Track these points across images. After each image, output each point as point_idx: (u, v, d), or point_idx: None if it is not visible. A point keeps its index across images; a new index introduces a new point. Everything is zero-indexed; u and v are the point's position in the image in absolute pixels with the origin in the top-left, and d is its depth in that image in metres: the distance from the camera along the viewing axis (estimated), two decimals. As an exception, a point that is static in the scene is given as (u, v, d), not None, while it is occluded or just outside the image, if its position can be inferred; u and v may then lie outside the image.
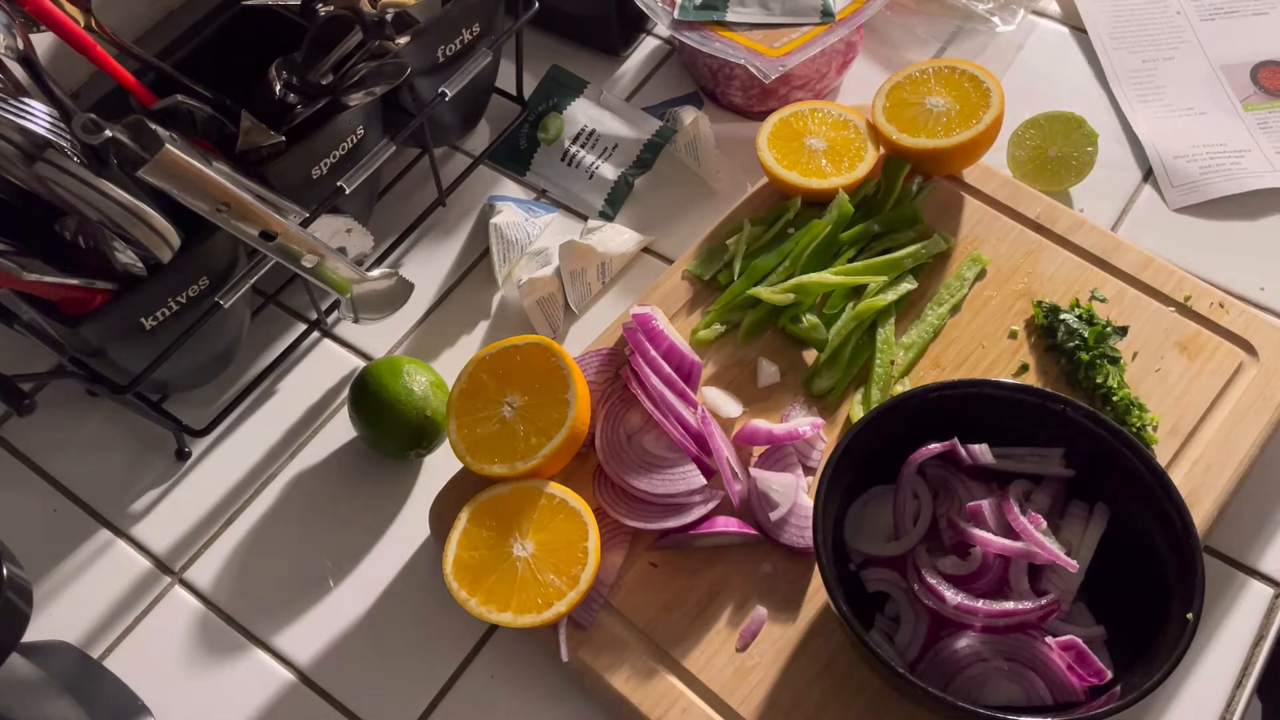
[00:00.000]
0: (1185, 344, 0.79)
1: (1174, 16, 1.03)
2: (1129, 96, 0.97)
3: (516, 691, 0.73)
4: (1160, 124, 0.95)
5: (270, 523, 0.80)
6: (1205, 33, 1.01)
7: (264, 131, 0.77)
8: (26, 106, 0.67)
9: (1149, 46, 1.01)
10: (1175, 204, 0.91)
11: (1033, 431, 0.69)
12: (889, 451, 0.69)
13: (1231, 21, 1.02)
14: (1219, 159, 0.93)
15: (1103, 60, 1.00)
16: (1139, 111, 0.97)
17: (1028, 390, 0.69)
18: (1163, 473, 0.65)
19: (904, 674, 0.59)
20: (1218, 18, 1.02)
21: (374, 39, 0.79)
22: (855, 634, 0.61)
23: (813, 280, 0.81)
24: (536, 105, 0.99)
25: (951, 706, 0.59)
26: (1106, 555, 0.67)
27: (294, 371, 0.88)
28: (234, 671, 0.74)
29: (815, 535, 0.64)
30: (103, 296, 0.71)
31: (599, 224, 0.91)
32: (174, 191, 0.66)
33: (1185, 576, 0.62)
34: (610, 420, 0.75)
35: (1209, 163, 0.92)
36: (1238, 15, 1.03)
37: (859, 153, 0.85)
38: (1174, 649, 0.59)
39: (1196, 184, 0.91)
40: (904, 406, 0.69)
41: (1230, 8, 1.03)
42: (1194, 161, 0.92)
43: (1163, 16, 1.03)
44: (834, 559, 0.65)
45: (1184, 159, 0.93)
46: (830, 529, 0.67)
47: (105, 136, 0.66)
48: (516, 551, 0.68)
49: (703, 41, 0.92)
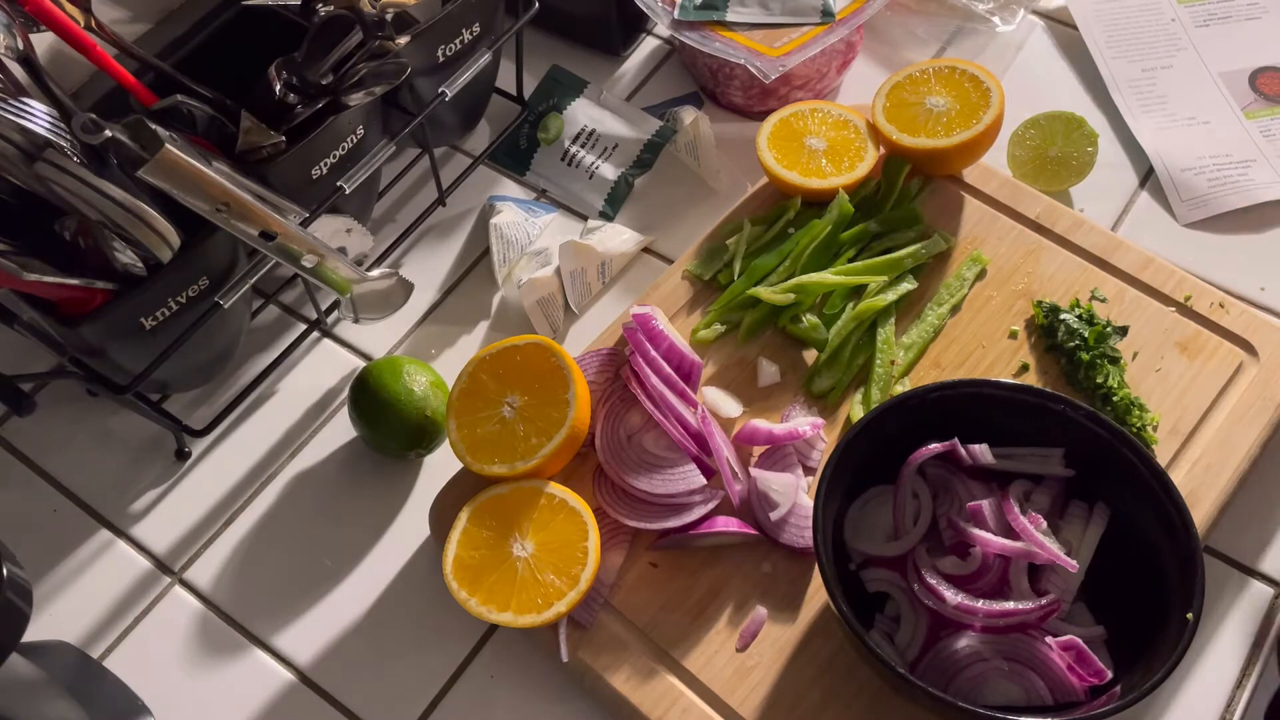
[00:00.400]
0: (1185, 344, 0.79)
1: (1169, 24, 1.02)
2: (1131, 107, 0.97)
3: (516, 691, 0.73)
4: (1164, 135, 0.95)
5: (270, 523, 0.80)
6: (1201, 39, 1.01)
7: (264, 131, 0.77)
8: (26, 106, 0.67)
9: (1147, 55, 1.00)
10: (1186, 219, 0.90)
11: (1033, 431, 0.69)
12: (889, 452, 0.69)
13: (1226, 27, 1.02)
14: (1225, 170, 0.92)
15: (1102, 70, 0.99)
16: (1142, 122, 0.96)
17: (1028, 390, 0.69)
18: (1163, 473, 0.65)
19: (904, 674, 0.59)
20: (1212, 23, 1.02)
21: (374, 39, 0.79)
22: (855, 634, 0.61)
23: (813, 280, 0.81)
24: (536, 105, 0.99)
25: (951, 706, 0.59)
26: (1106, 555, 0.67)
27: (294, 371, 0.88)
28: (234, 671, 0.74)
29: (815, 535, 0.64)
30: (103, 296, 0.71)
31: (599, 224, 0.91)
32: (174, 191, 0.66)
33: (1185, 577, 0.62)
34: (610, 420, 0.75)
35: (1216, 175, 0.92)
36: (1231, 20, 1.02)
37: (859, 153, 0.85)
38: (1174, 649, 0.59)
39: (1205, 198, 0.90)
40: (904, 406, 0.69)
41: (1224, 13, 1.03)
42: (1201, 174, 0.92)
43: (1158, 24, 1.03)
44: (834, 559, 0.65)
45: (1191, 171, 0.92)
46: (830, 529, 0.67)
47: (105, 136, 0.66)
48: (516, 551, 0.68)
49: (703, 41, 0.92)
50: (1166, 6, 1.04)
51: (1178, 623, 0.61)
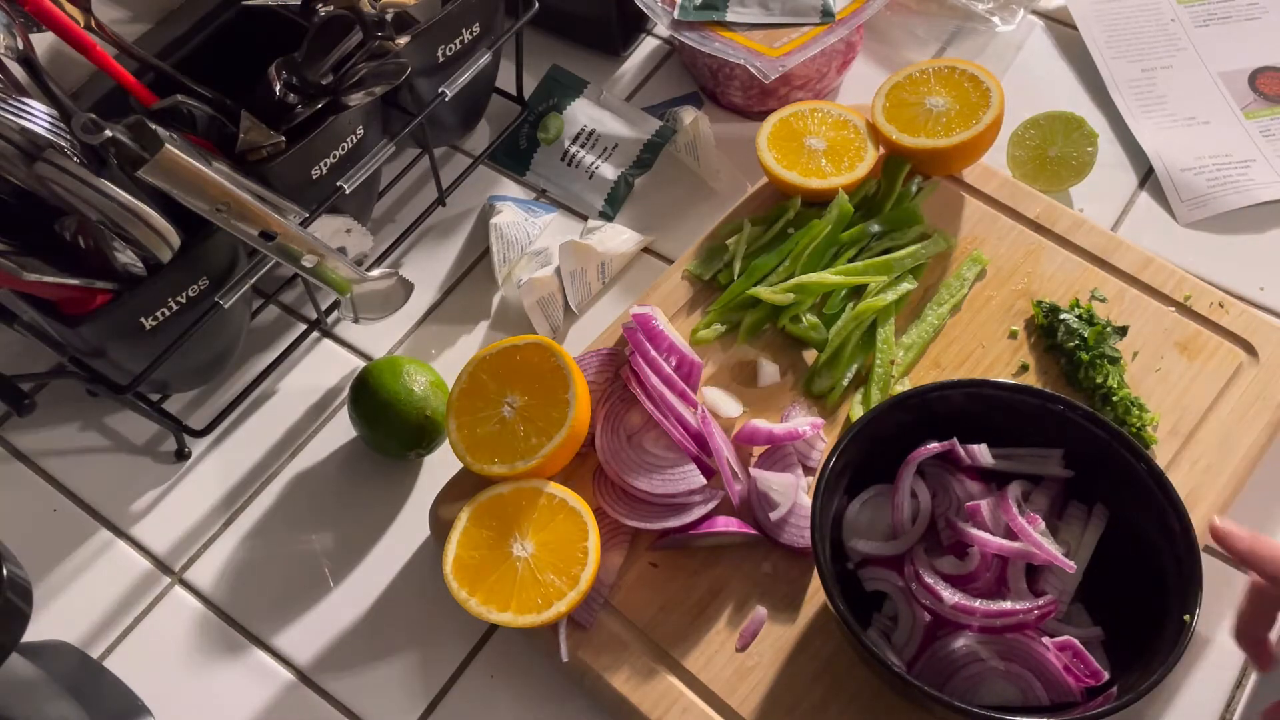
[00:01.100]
0: (1185, 344, 0.79)
1: (1169, 24, 1.02)
2: (1131, 107, 0.97)
3: (516, 691, 0.73)
4: (1164, 135, 0.95)
5: (270, 523, 0.80)
6: (1201, 39, 1.01)
7: (264, 131, 0.77)
8: (26, 106, 0.67)
9: (1147, 55, 1.00)
10: (1186, 219, 0.90)
11: (1032, 432, 0.69)
12: (889, 451, 0.69)
13: (1226, 27, 1.02)
14: (1225, 170, 0.92)
15: (1102, 70, 0.99)
16: (1141, 122, 0.96)
17: (1027, 390, 0.69)
18: (1161, 474, 0.65)
19: (902, 674, 0.60)
20: (1211, 23, 1.01)
21: (374, 39, 0.79)
22: (852, 633, 0.61)
23: (813, 280, 0.81)
24: (536, 105, 0.99)
25: (949, 706, 0.59)
26: (1105, 556, 0.67)
27: (294, 371, 0.88)
28: (234, 671, 0.74)
29: (813, 534, 0.64)
30: (103, 297, 0.71)
31: (599, 224, 0.91)
32: (174, 191, 0.66)
33: (1184, 578, 0.62)
34: (610, 420, 0.75)
35: (1216, 174, 0.92)
36: (1231, 20, 1.02)
37: (859, 153, 0.85)
38: (1171, 650, 0.59)
39: (1205, 198, 0.90)
40: (904, 406, 0.69)
41: (1223, 13, 1.03)
42: (1201, 174, 0.92)
43: (1157, 24, 1.02)
44: (832, 558, 0.65)
45: (1191, 171, 0.92)
46: (829, 528, 0.67)
47: (105, 136, 0.66)
48: (516, 551, 0.68)
49: (703, 41, 0.92)
50: (1166, 6, 1.03)
51: (1176, 624, 0.61)
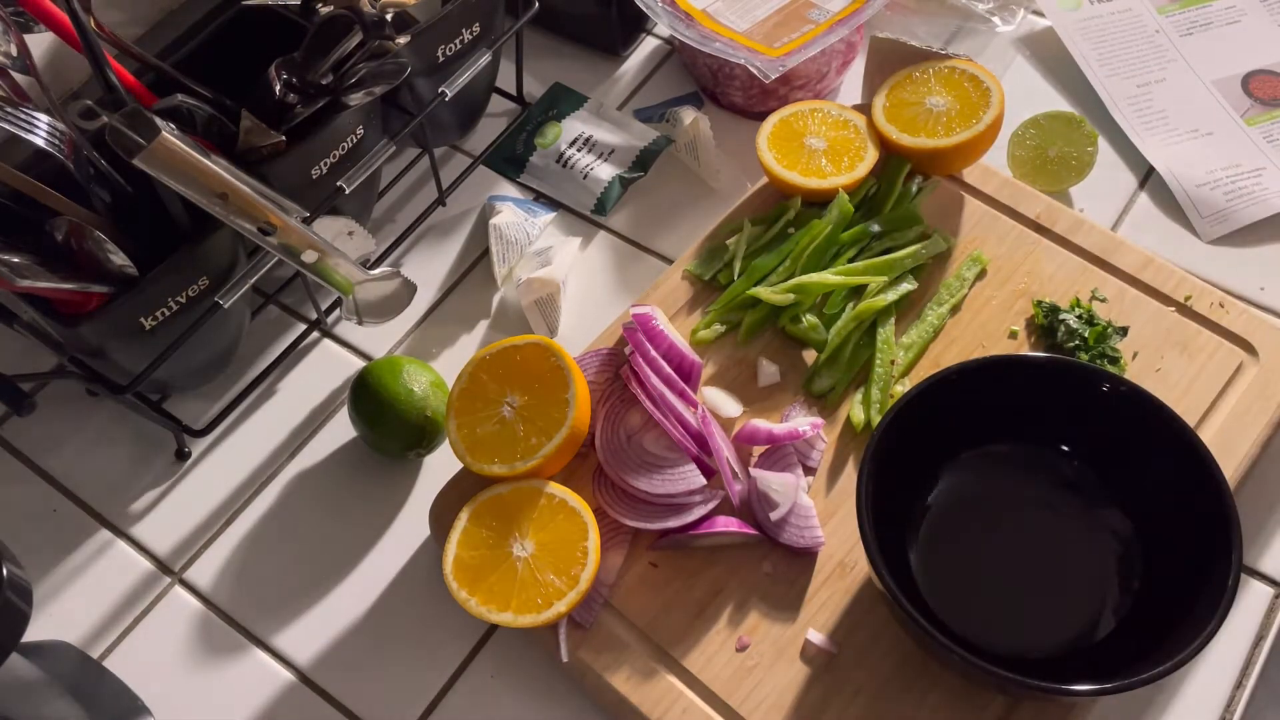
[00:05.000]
0: (1185, 344, 0.79)
1: (1154, 35, 1.02)
2: (1134, 125, 0.96)
3: (516, 691, 0.73)
4: (1171, 151, 0.94)
5: (270, 523, 0.80)
6: (1188, 49, 1.00)
7: (264, 131, 0.77)
8: (29, 115, 0.67)
9: (1139, 71, 0.99)
10: (1209, 235, 0.89)
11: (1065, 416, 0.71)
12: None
13: (1209, 34, 1.01)
14: (1239, 181, 0.91)
15: (1099, 91, 0.98)
16: (1146, 140, 0.95)
17: (1064, 364, 0.71)
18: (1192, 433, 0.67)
19: (933, 634, 0.61)
20: (1195, 31, 1.01)
21: (374, 39, 0.79)
22: (894, 598, 0.62)
23: (813, 280, 0.80)
24: (536, 116, 0.99)
25: (976, 667, 0.60)
26: (1148, 554, 0.69)
27: (294, 371, 0.88)
28: (234, 671, 0.74)
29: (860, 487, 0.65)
30: (100, 298, 0.71)
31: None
32: (171, 181, 0.65)
33: (1223, 526, 0.63)
34: (610, 420, 0.75)
35: (1231, 187, 0.91)
36: (1213, 27, 1.02)
37: (859, 153, 0.85)
38: (1185, 648, 0.59)
39: (1225, 213, 0.89)
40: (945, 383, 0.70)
41: (1204, 20, 1.02)
42: (1216, 188, 0.91)
43: (1143, 36, 1.02)
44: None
45: (1206, 186, 0.91)
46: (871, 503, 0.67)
47: (101, 123, 0.65)
48: (516, 551, 0.68)
49: (703, 41, 0.92)
50: (1149, 18, 1.03)
51: (1196, 623, 0.60)
